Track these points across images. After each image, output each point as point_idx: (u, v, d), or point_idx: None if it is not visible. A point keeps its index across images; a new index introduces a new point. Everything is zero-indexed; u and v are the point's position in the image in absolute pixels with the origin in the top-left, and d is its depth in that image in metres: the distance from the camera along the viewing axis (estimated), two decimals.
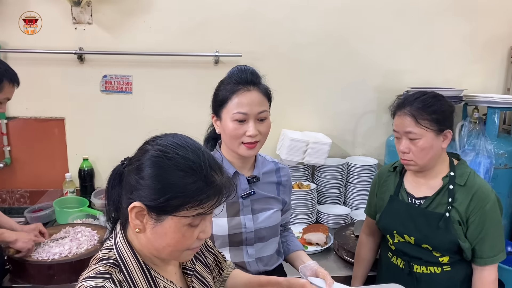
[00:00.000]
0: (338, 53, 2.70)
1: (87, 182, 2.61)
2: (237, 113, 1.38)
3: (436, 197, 1.61)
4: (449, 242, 1.57)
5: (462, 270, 1.63)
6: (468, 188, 1.57)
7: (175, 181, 0.88)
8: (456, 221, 1.56)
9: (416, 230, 1.62)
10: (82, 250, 1.87)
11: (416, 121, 1.54)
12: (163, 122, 2.67)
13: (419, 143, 1.55)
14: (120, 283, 0.93)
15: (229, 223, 1.46)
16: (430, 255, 1.62)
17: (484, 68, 2.81)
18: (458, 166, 1.63)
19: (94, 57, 2.58)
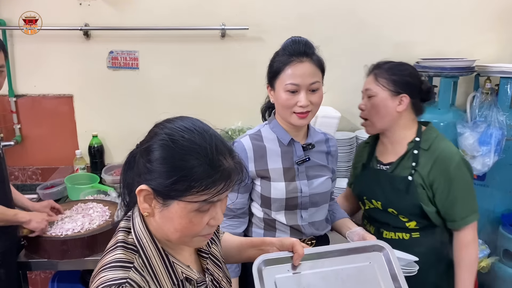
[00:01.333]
0: (346, 25, 2.64)
1: (97, 158, 2.63)
2: (289, 84, 1.43)
3: (400, 162, 1.66)
4: (412, 206, 1.62)
5: (431, 237, 1.66)
6: (431, 152, 1.61)
7: (179, 165, 0.86)
8: (419, 184, 1.60)
9: (382, 194, 1.68)
10: (94, 226, 1.90)
11: (376, 79, 1.63)
12: (170, 97, 2.67)
13: (373, 100, 1.64)
14: (142, 271, 0.91)
15: (286, 187, 1.51)
16: (397, 220, 1.67)
17: (497, 37, 2.73)
18: (425, 131, 1.67)
19: (100, 33, 2.55)
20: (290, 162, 1.54)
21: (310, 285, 1.11)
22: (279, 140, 1.55)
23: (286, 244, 1.16)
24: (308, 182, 1.55)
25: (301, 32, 2.60)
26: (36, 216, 1.81)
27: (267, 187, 1.52)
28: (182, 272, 0.98)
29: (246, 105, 2.46)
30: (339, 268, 1.15)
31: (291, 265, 1.13)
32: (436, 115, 2.47)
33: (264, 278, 1.10)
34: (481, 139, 2.37)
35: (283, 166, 1.53)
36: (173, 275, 0.96)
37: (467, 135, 2.39)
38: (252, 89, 1.83)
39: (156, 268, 0.94)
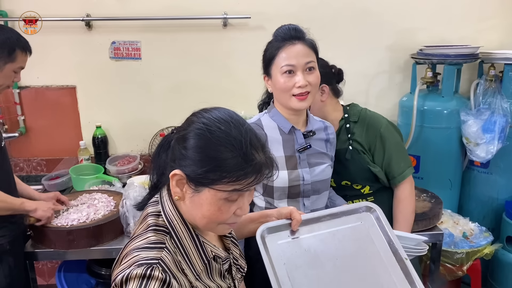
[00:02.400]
0: (349, 12, 2.62)
1: (101, 149, 2.64)
2: (285, 65, 1.45)
3: (337, 137, 1.75)
4: (361, 171, 1.77)
5: (384, 198, 1.80)
6: (361, 122, 1.79)
7: (214, 155, 0.89)
8: (360, 150, 1.76)
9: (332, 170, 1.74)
10: (99, 216, 1.92)
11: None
12: (173, 87, 2.67)
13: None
14: (173, 251, 0.95)
15: (289, 176, 1.52)
16: (352, 190, 1.80)
17: (501, 23, 2.70)
18: (350, 108, 1.85)
19: (101, 23, 2.55)
20: (291, 150, 1.55)
21: (310, 247, 1.19)
22: (279, 129, 1.55)
23: (284, 213, 1.23)
24: (309, 170, 1.56)
25: (303, 20, 2.58)
26: (42, 205, 1.82)
27: None
28: (211, 251, 1.03)
29: (249, 94, 2.45)
30: (334, 230, 1.24)
31: (290, 231, 1.21)
32: (440, 102, 2.47)
33: (267, 244, 1.17)
34: (485, 126, 2.36)
35: (285, 154, 1.54)
36: (203, 254, 1.01)
37: (470, 122, 2.39)
38: (254, 78, 1.82)
39: (187, 248, 0.98)
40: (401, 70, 2.72)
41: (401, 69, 2.71)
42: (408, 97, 2.61)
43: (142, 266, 0.87)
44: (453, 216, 2.42)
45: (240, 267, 1.17)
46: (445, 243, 2.13)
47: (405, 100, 2.63)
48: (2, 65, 1.72)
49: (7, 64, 1.73)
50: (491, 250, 2.25)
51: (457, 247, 2.21)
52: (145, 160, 2.70)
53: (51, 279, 2.90)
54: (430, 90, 2.56)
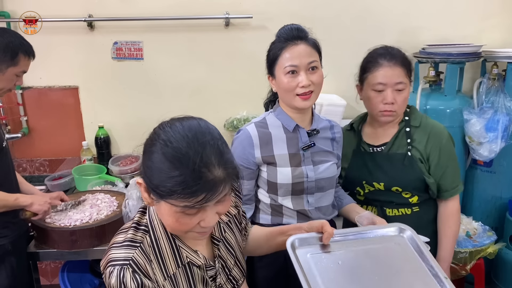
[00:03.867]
0: (351, 11, 2.62)
1: (104, 149, 2.64)
2: (288, 66, 1.46)
3: (395, 141, 1.70)
4: (416, 180, 1.68)
5: (429, 209, 1.75)
6: (423, 128, 1.69)
7: (161, 170, 0.88)
8: (418, 159, 1.67)
9: (383, 175, 1.70)
10: (102, 216, 1.92)
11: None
12: (175, 87, 2.67)
13: (404, 93, 1.63)
14: (148, 250, 0.99)
15: (292, 173, 1.54)
16: (400, 197, 1.71)
17: (504, 22, 2.69)
18: (411, 111, 1.74)
19: (103, 23, 2.55)
20: (295, 148, 1.56)
21: (344, 261, 1.17)
22: (284, 127, 1.57)
23: (316, 226, 1.21)
24: (314, 168, 1.57)
25: (305, 19, 2.58)
26: (38, 199, 1.82)
27: (273, 173, 1.55)
28: (186, 256, 1.03)
29: (251, 94, 2.46)
30: (367, 248, 1.22)
31: (321, 245, 1.20)
32: (443, 101, 2.46)
33: (298, 256, 1.16)
34: (488, 125, 2.35)
35: (289, 152, 1.55)
36: (178, 258, 1.03)
37: (473, 121, 2.38)
38: (257, 78, 1.82)
39: (162, 249, 1.01)
40: None
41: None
42: (410, 96, 2.58)
43: (114, 267, 0.93)
44: None
45: (233, 278, 1.15)
46: None
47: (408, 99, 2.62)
48: (4, 69, 1.72)
49: (9, 68, 1.74)
50: (495, 249, 2.24)
51: (460, 246, 2.20)
52: None
53: (54, 279, 2.91)
54: (433, 89, 2.56)
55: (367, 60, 1.71)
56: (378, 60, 1.64)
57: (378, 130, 1.75)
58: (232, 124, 2.62)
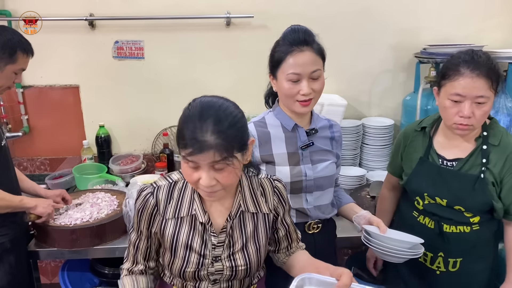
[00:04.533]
0: (352, 11, 2.61)
1: (104, 148, 2.64)
2: (291, 73, 1.45)
3: (469, 159, 1.57)
4: (483, 204, 1.56)
5: (490, 228, 1.65)
6: (502, 148, 1.53)
7: (178, 124, 1.12)
8: (490, 182, 1.54)
9: (448, 192, 1.59)
10: (102, 215, 1.92)
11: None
12: (176, 86, 2.67)
13: (485, 107, 1.46)
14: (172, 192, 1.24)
15: (291, 171, 1.55)
16: (462, 216, 1.61)
17: (505, 22, 2.69)
18: (491, 125, 1.58)
19: (104, 23, 2.55)
20: (294, 147, 1.57)
21: None
22: (283, 126, 1.58)
23: (337, 272, 1.17)
24: (312, 166, 1.57)
25: (306, 19, 2.58)
26: (42, 202, 1.83)
27: (272, 172, 1.55)
28: (194, 209, 1.23)
29: (252, 93, 2.44)
30: None
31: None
32: None
33: None
34: None
35: (287, 151, 1.56)
36: (189, 207, 1.23)
37: None
38: (258, 77, 1.82)
39: (183, 196, 1.24)
40: (404, 69, 2.71)
41: (405, 68, 2.70)
42: (411, 96, 2.61)
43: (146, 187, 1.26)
44: None
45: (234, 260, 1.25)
46: None
47: (409, 99, 2.62)
48: (2, 66, 1.72)
49: (8, 65, 1.73)
50: None
51: None
52: (148, 159, 2.70)
53: (54, 278, 2.91)
54: None
55: (447, 66, 1.52)
56: (460, 68, 1.46)
57: (452, 142, 1.61)
58: None
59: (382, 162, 2.63)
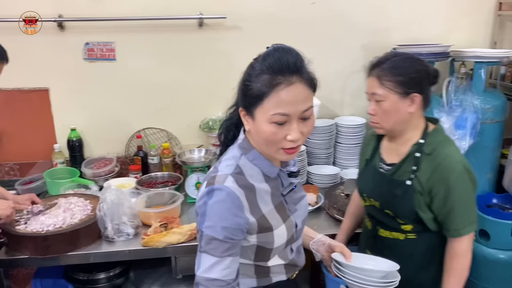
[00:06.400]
0: (325, 12, 2.65)
1: (76, 152, 2.60)
2: (276, 114, 1.09)
3: (402, 165, 1.58)
4: (409, 211, 1.56)
5: (427, 239, 1.61)
6: (433, 158, 1.52)
7: None
8: (417, 191, 1.53)
9: (380, 195, 1.63)
10: (76, 220, 1.89)
11: (381, 82, 1.50)
12: (149, 87, 2.65)
13: (383, 105, 1.52)
14: None
15: (287, 229, 1.26)
16: (393, 222, 1.62)
17: (471, 22, 2.78)
18: (431, 133, 1.57)
19: (74, 24, 2.50)
20: (277, 197, 1.26)
21: None
22: (264, 175, 1.23)
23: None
24: (298, 212, 1.32)
25: (279, 20, 2.63)
26: (1, 203, 1.77)
27: (269, 238, 1.21)
28: None
29: (226, 94, 2.43)
30: None
31: None
32: None
33: None
34: (457, 123, 2.42)
35: (274, 204, 1.24)
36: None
37: (443, 119, 2.43)
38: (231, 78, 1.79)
39: None
40: None
41: None
42: None
43: None
44: None
45: None
46: None
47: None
48: None
49: None
50: None
51: None
52: (122, 162, 2.67)
53: (27, 285, 2.84)
54: None
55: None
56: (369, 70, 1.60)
57: (392, 146, 1.64)
58: (207, 125, 2.61)
59: (355, 160, 2.67)
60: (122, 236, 1.92)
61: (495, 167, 2.64)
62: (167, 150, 2.61)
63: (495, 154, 2.60)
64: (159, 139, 2.72)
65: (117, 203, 1.93)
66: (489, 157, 2.58)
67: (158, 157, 2.61)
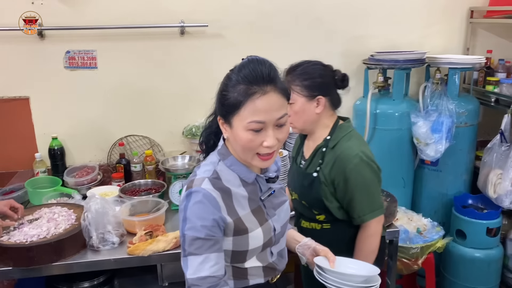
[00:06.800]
0: (304, 20, 2.70)
1: (58, 161, 2.57)
2: (252, 122, 1.16)
3: (313, 159, 1.73)
4: (316, 200, 1.70)
5: (341, 229, 1.72)
6: (334, 151, 1.65)
7: None
8: (322, 181, 1.67)
9: (297, 188, 1.78)
10: (60, 230, 1.87)
11: (290, 87, 1.63)
12: (131, 95, 2.65)
13: (294, 107, 1.65)
14: None
15: (264, 232, 1.30)
16: (310, 212, 1.75)
17: (445, 29, 2.88)
18: (337, 129, 1.70)
19: (55, 32, 2.49)
20: (255, 201, 1.31)
21: None
22: (241, 180, 1.29)
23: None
24: (276, 217, 1.36)
25: (260, 28, 2.67)
26: None
27: (243, 241, 1.26)
28: None
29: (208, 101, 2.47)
30: None
31: None
32: (391, 105, 2.60)
33: None
34: (433, 127, 2.50)
35: (251, 208, 1.28)
36: None
37: (420, 123, 2.52)
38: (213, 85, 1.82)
39: None
40: (354, 75, 2.82)
41: (354, 74, 2.81)
42: (361, 101, 2.73)
43: None
44: (407, 213, 2.54)
45: None
46: (401, 239, 2.23)
47: (359, 103, 2.74)
48: None
49: None
50: (443, 243, 2.38)
51: (412, 242, 2.33)
52: (104, 170, 2.66)
53: None
54: (382, 93, 2.69)
55: None
56: None
57: (309, 143, 1.78)
58: (190, 131, 2.63)
59: None
60: (107, 245, 1.92)
61: (470, 168, 2.74)
62: (150, 157, 2.62)
63: (469, 156, 2.71)
64: (142, 146, 2.73)
65: (102, 212, 1.93)
66: (464, 159, 2.68)
67: (141, 165, 2.61)
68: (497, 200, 2.47)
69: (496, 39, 2.92)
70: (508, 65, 2.76)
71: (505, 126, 2.48)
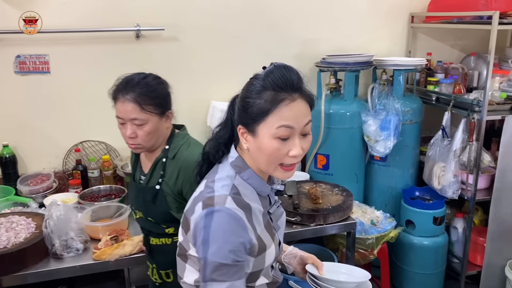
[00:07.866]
0: (259, 24, 2.79)
1: (10, 169, 2.48)
2: (281, 126, 1.10)
3: (153, 172, 1.64)
4: (163, 214, 1.62)
5: None
6: (176, 161, 1.60)
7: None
8: (167, 193, 1.60)
9: (141, 205, 1.68)
10: (21, 239, 1.83)
11: (141, 107, 1.53)
12: (86, 100, 2.60)
13: (145, 127, 1.55)
14: None
15: (275, 247, 1.25)
16: (159, 227, 1.67)
17: (389, 33, 3.08)
18: (175, 138, 1.65)
19: (4, 36, 2.40)
20: (265, 215, 1.25)
21: None
22: (257, 194, 1.23)
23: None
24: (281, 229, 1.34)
25: (215, 32, 2.72)
26: None
27: (261, 259, 1.19)
28: None
29: None
30: None
31: None
32: (343, 106, 2.73)
33: None
34: (382, 125, 2.66)
35: (264, 223, 1.22)
36: None
37: (370, 122, 2.67)
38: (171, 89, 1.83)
39: None
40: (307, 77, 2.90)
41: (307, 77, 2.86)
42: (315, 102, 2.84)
43: None
44: (361, 206, 2.68)
45: None
46: (357, 231, 2.34)
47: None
48: None
49: None
50: (396, 233, 2.54)
51: (367, 233, 2.46)
52: (59, 177, 2.59)
53: None
54: (334, 95, 2.82)
55: None
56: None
57: (147, 156, 1.69)
58: None
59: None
60: (71, 252, 1.89)
61: (416, 163, 2.94)
62: (107, 163, 2.58)
63: (415, 151, 2.90)
64: (98, 151, 2.69)
65: (64, 219, 1.90)
66: (410, 154, 2.87)
67: (98, 170, 2.57)
68: (441, 191, 2.68)
69: (434, 43, 3.15)
70: (446, 66, 2.98)
71: (446, 123, 2.70)
